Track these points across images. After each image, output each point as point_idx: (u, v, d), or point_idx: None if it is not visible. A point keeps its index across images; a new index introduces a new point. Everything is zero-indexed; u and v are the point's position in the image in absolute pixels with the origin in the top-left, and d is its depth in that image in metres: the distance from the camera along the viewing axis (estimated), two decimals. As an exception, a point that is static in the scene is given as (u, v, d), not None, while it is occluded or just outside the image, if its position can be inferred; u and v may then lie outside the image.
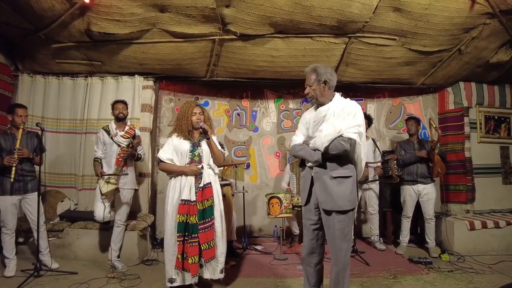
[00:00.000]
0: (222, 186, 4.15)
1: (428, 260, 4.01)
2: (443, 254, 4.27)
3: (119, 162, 3.80)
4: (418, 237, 5.07)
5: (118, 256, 3.91)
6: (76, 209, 4.69)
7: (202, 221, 2.97)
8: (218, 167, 4.65)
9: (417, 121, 4.73)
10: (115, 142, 3.86)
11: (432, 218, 4.48)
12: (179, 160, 3.10)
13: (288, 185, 4.98)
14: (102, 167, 3.89)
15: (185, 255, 2.94)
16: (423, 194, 4.48)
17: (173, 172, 3.10)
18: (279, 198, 4.20)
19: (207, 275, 3.07)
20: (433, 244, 4.47)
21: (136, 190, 4.21)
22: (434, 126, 4.32)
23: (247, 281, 3.47)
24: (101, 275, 3.57)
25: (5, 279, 3.40)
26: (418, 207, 4.60)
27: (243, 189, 4.72)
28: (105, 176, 3.70)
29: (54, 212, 4.51)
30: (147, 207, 4.75)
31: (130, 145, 3.85)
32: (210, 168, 3.14)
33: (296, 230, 4.90)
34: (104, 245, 4.07)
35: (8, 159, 3.44)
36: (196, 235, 2.94)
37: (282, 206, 4.17)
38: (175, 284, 2.96)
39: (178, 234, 2.93)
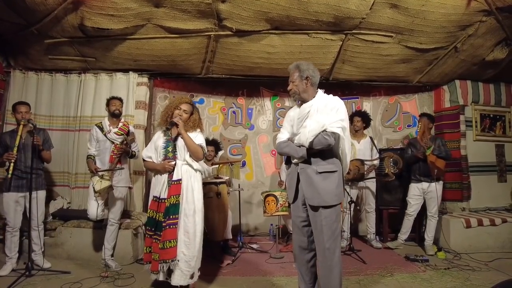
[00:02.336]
0: (217, 184, 4.14)
1: (425, 258, 4.01)
2: (439, 252, 4.26)
3: (112, 159, 3.75)
4: (418, 235, 5.04)
5: (112, 255, 3.85)
6: (69, 208, 4.61)
7: (164, 219, 2.88)
8: (212, 164, 4.63)
9: (431, 118, 4.68)
10: (109, 139, 3.80)
11: (434, 216, 4.49)
12: (156, 157, 3.06)
13: (281, 181, 4.94)
14: (95, 165, 3.82)
15: (151, 250, 2.94)
16: (427, 191, 4.50)
17: (151, 170, 3.09)
18: (275, 196, 4.17)
19: (175, 280, 2.83)
20: (430, 241, 4.48)
21: (130, 188, 4.16)
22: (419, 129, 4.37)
23: (243, 280, 3.43)
24: (95, 274, 3.51)
25: (-3, 278, 3.33)
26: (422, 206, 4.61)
27: (239, 187, 4.67)
28: (99, 173, 3.64)
29: (47, 211, 4.43)
30: (141, 206, 4.69)
31: (124, 142, 3.80)
32: (186, 164, 3.02)
33: (291, 228, 4.86)
34: (98, 244, 4.01)
35: (7, 156, 3.47)
36: (160, 233, 2.88)
37: (278, 204, 4.15)
38: (153, 276, 2.93)
39: (148, 228, 2.95)
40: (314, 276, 2.68)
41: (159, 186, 2.97)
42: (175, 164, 2.98)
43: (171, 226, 2.86)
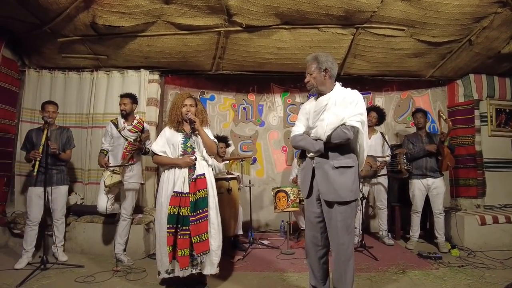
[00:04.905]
0: (228, 180, 4.15)
1: (438, 255, 3.94)
2: (453, 249, 4.19)
3: (125, 155, 3.79)
4: (427, 233, 4.99)
5: (124, 250, 3.91)
6: (83, 204, 4.69)
7: (194, 213, 2.88)
8: (223, 160, 4.65)
9: (425, 114, 4.65)
10: (123, 136, 3.84)
11: (441, 213, 4.41)
12: (171, 152, 3.06)
13: (296, 179, 4.93)
14: (108, 160, 3.90)
15: (176, 248, 2.88)
16: (432, 188, 4.41)
17: (167, 165, 3.06)
18: (285, 192, 4.15)
19: (207, 270, 2.95)
20: (442, 239, 4.39)
21: (142, 184, 4.20)
22: (444, 117, 4.23)
23: (253, 276, 3.44)
24: (107, 268, 3.56)
25: (14, 271, 3.41)
26: (427, 202, 4.52)
27: (249, 183, 4.67)
28: (110, 168, 3.70)
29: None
30: (153, 201, 4.73)
31: (138, 139, 3.83)
32: (203, 159, 3.08)
33: (303, 225, 4.84)
34: (110, 239, 4.07)
35: (33, 154, 3.61)
36: (187, 228, 2.86)
37: (289, 200, 4.13)
38: (172, 275, 2.92)
39: (169, 226, 2.87)
40: (326, 273, 2.65)
41: (180, 181, 2.96)
42: (195, 159, 3.01)
43: (203, 220, 2.89)
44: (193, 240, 2.83)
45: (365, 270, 3.54)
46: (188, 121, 3.04)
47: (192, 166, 3.00)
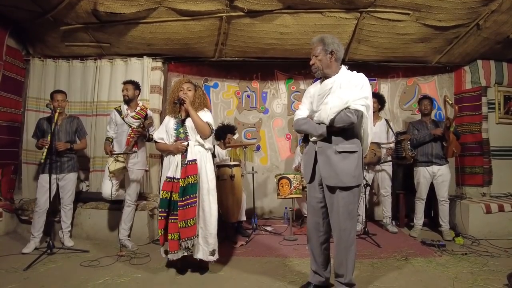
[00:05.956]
0: (231, 166, 4.16)
1: (442, 243, 3.91)
2: (457, 237, 4.15)
3: (129, 142, 3.83)
4: (431, 220, 4.97)
5: (129, 236, 3.97)
6: (88, 190, 4.76)
7: (182, 198, 2.91)
8: (226, 147, 4.66)
9: (432, 101, 4.58)
10: (126, 123, 3.88)
11: (446, 200, 4.37)
12: (167, 138, 3.10)
13: (299, 166, 4.92)
14: (113, 147, 3.95)
15: (166, 231, 2.95)
16: (437, 175, 4.37)
17: (164, 151, 3.13)
18: (288, 179, 4.16)
19: (198, 255, 2.99)
20: (447, 227, 4.36)
21: (146, 171, 4.23)
22: (450, 102, 4.15)
23: (256, 260, 3.47)
24: (112, 253, 3.61)
25: (21, 256, 3.49)
26: (431, 189, 4.49)
27: (253, 169, 4.68)
28: (114, 155, 3.74)
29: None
30: (157, 188, 4.78)
31: (141, 125, 3.86)
32: (198, 144, 3.06)
33: (306, 211, 4.85)
34: (115, 225, 4.13)
35: (41, 142, 3.70)
36: (176, 212, 2.91)
37: (292, 187, 4.13)
38: (169, 256, 2.96)
39: (161, 210, 2.95)
40: (327, 258, 2.66)
41: (173, 166, 3.00)
42: (187, 144, 3.01)
43: (192, 205, 2.91)
44: (179, 225, 2.88)
45: (367, 257, 3.54)
46: (179, 102, 3.05)
47: (184, 152, 3.01)
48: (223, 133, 4.70)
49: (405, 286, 2.81)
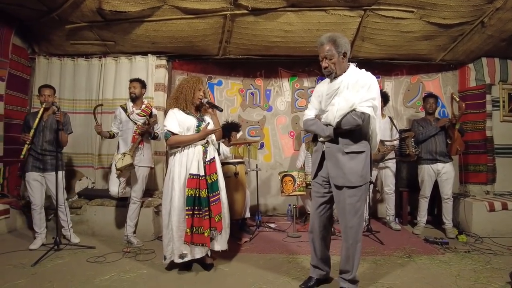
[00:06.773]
0: (235, 164, 4.18)
1: (445, 241, 3.92)
2: (461, 235, 4.16)
3: (135, 139, 3.86)
4: (434, 218, 4.97)
5: (134, 232, 4.01)
6: (94, 187, 4.81)
7: (212, 194, 3.00)
8: (230, 145, 4.70)
9: (437, 99, 4.58)
10: (131, 120, 3.91)
11: (450, 198, 4.38)
12: (184, 133, 3.06)
13: (303, 164, 4.94)
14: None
15: (194, 230, 2.93)
16: (442, 173, 4.37)
17: (186, 143, 3.00)
18: (292, 176, 4.17)
19: (218, 247, 3.10)
20: (450, 225, 4.37)
21: (152, 168, 4.27)
22: (457, 100, 4.15)
23: (259, 257, 3.50)
24: (117, 249, 3.66)
25: (29, 252, 3.54)
26: (435, 187, 4.49)
27: (256, 167, 4.71)
28: (120, 152, 3.78)
29: (73, 191, 4.66)
30: (163, 185, 4.80)
31: (146, 122, 3.89)
32: (212, 143, 3.17)
33: (309, 209, 4.87)
34: (120, 222, 4.18)
35: (22, 137, 3.62)
36: (207, 208, 2.96)
37: (295, 184, 4.15)
38: (186, 259, 2.98)
39: (187, 208, 2.91)
40: (327, 256, 2.71)
41: (195, 163, 2.99)
42: (211, 129, 3.11)
43: (218, 202, 3.02)
44: (216, 219, 2.97)
45: (371, 254, 3.56)
46: (207, 105, 3.15)
47: (205, 150, 3.06)
48: (227, 131, 4.72)
49: (408, 283, 2.83)
